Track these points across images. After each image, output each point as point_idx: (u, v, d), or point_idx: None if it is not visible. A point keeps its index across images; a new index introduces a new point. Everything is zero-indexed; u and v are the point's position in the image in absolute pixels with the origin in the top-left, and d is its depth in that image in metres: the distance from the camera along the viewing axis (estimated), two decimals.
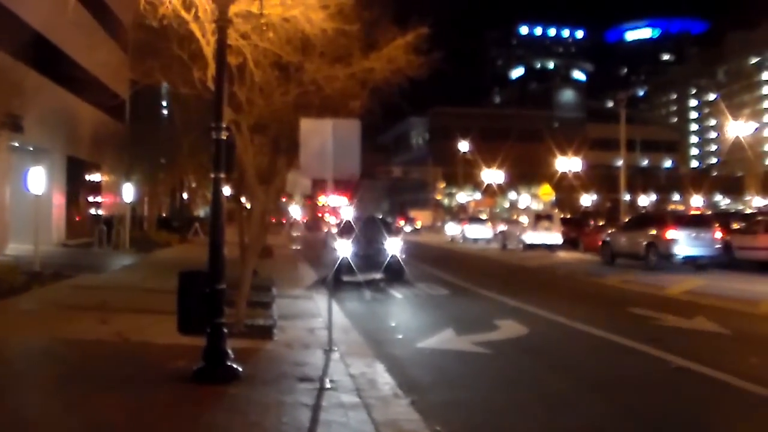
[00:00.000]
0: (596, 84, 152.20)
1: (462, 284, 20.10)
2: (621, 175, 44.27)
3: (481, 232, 49.68)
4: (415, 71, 11.34)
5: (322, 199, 63.06)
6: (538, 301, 15.79)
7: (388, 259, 19.96)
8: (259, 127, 11.27)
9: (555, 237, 36.11)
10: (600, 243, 28.70)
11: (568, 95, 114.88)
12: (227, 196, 20.40)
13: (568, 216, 46.55)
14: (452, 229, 55.21)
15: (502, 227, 42.15)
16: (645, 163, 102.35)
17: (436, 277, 22.34)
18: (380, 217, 29.82)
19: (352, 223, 22.38)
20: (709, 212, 33.42)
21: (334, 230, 22.14)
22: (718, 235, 24.90)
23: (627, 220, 30.62)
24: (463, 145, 75.62)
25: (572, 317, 13.23)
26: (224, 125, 7.50)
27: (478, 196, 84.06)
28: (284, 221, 71.35)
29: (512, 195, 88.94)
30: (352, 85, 11.20)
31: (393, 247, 20.29)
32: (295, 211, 76.55)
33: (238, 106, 10.31)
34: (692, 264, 24.28)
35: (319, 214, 59.46)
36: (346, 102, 11.55)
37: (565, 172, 63.50)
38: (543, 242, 36.12)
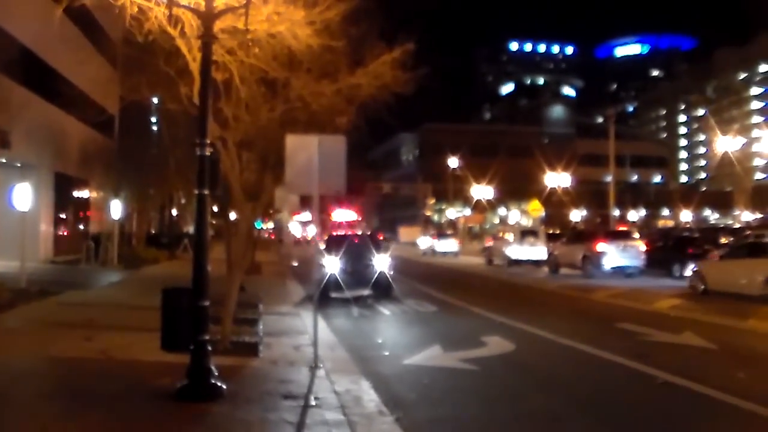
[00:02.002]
0: (586, 100, 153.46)
1: (450, 300, 20.09)
2: (610, 191, 44.44)
3: (448, 246, 52.79)
4: (402, 87, 11.39)
5: (337, 215, 63.41)
6: (524, 316, 15.80)
7: (376, 275, 19.92)
8: (246, 144, 11.27)
9: (540, 252, 36.61)
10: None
11: (557, 111, 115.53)
12: (215, 213, 20.46)
13: (557, 231, 46.53)
14: (424, 243, 57.81)
15: (488, 243, 42.97)
16: (634, 178, 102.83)
17: (424, 293, 22.30)
18: (369, 233, 29.78)
19: (340, 239, 22.36)
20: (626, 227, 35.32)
21: (322, 246, 22.09)
22: (643, 247, 28.34)
23: (566, 235, 33.21)
24: (453, 161, 75.76)
25: (559, 332, 13.24)
26: (209, 141, 7.50)
27: (467, 212, 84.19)
28: (280, 238, 71.32)
29: (502, 210, 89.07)
30: (338, 101, 11.24)
31: (381, 263, 20.27)
32: (295, 228, 76.63)
33: (225, 122, 10.32)
34: (621, 273, 27.58)
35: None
36: (332, 118, 11.59)
37: (555, 188, 63.69)
38: (528, 258, 36.80)
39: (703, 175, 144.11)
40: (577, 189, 76.29)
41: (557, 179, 63.12)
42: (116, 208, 28.59)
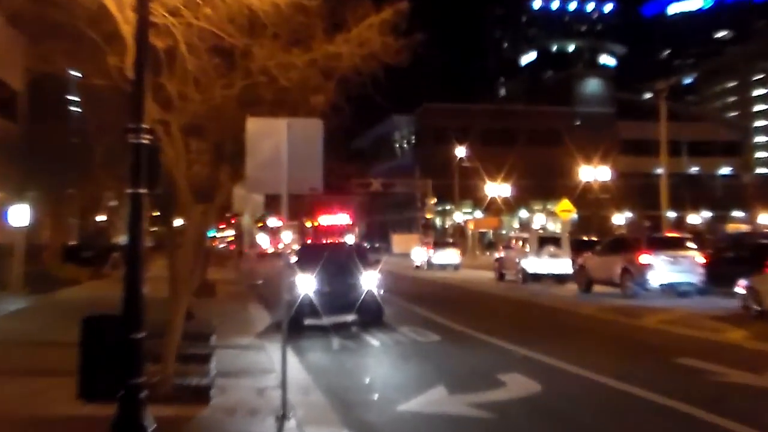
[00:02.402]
0: (630, 71, 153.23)
1: (456, 327, 20.15)
2: (662, 187, 44.55)
3: (447, 257, 54.35)
4: (394, 57, 11.43)
5: (325, 220, 63.89)
6: (552, 347, 15.83)
7: (362, 296, 19.97)
8: (195, 129, 11.27)
9: (564, 265, 37.40)
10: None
11: (593, 86, 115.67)
12: (155, 218, 20.38)
13: (593, 239, 46.51)
14: (418, 254, 58.36)
15: (499, 253, 44.08)
16: (695, 170, 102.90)
17: (423, 317, 22.35)
18: (353, 242, 29.84)
19: (316, 251, 22.38)
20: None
21: (293, 259, 22.10)
22: (700, 259, 28.49)
23: (602, 243, 33.52)
24: (460, 151, 75.94)
25: (598, 369, 13.28)
26: (147, 126, 7.49)
27: (478, 214, 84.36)
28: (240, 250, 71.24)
29: (522, 213, 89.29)
30: (313, 75, 11.27)
31: (368, 281, 20.30)
32: (262, 238, 76.76)
33: (168, 101, 10.31)
34: (672, 292, 27.92)
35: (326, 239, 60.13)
36: (305, 97, 11.61)
37: (590, 184, 63.88)
38: (548, 271, 37.71)
39: None
40: (619, 185, 76.57)
41: (593, 172, 63.31)
42: (20, 214, 28.06)
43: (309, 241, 39.52)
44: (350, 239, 58.64)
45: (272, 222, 69.85)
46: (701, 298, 27.35)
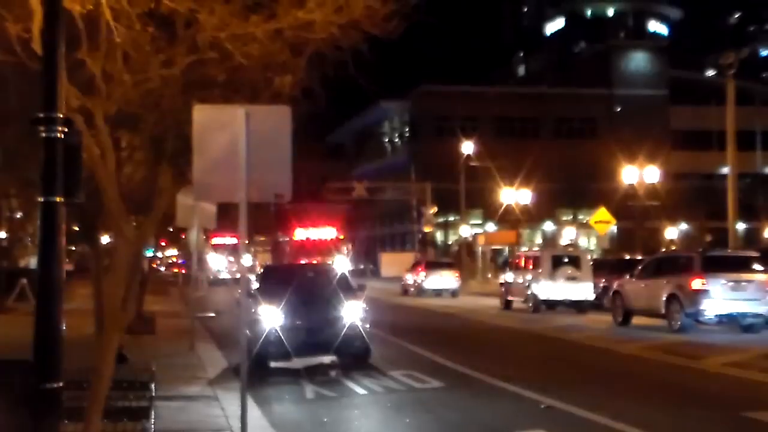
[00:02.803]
0: (687, 41, 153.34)
1: (460, 369, 20.25)
2: (729, 191, 44.53)
3: (441, 281, 55.94)
4: (382, 26, 11.45)
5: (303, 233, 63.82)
6: (583, 396, 15.91)
7: (342, 331, 19.97)
8: (127, 120, 11.29)
9: (584, 290, 38.76)
10: None
11: (639, 61, 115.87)
12: (76, 234, 20.33)
13: (638, 257, 46.54)
14: (407, 278, 60.11)
15: (505, 277, 45.10)
16: None
17: (419, 358, 22.47)
18: (329, 264, 29.92)
19: (284, 275, 22.39)
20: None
21: (254, 286, 22.10)
22: None
23: (644, 264, 34.01)
24: (467, 146, 76.00)
25: (649, 426, 13.32)
26: (62, 115, 7.49)
27: (491, 227, 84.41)
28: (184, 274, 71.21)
29: (548, 225, 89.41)
30: (278, 50, 11.28)
31: (351, 312, 20.32)
32: (215, 258, 76.67)
33: (90, 84, 10.31)
34: (734, 325, 28.45)
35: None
36: (269, 78, 11.64)
37: (634, 187, 63.95)
38: (565, 297, 39.20)
39: None
40: (672, 188, 76.63)
41: (638, 173, 63.37)
42: None
43: (274, 265, 39.21)
44: (340, 260, 58.19)
45: (231, 239, 69.80)
46: None
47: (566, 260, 40.15)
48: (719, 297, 27.89)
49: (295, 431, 13.30)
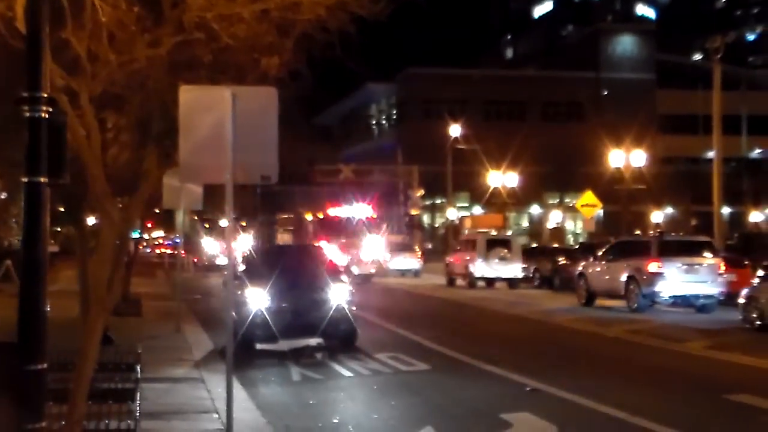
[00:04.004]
0: (674, 25, 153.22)
1: (444, 351, 20.43)
2: (715, 175, 44.57)
3: (407, 263, 59.97)
4: (369, 8, 11.40)
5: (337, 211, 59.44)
6: (569, 378, 16.03)
7: (329, 314, 19.99)
8: (113, 100, 11.22)
9: (514, 269, 46.16)
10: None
11: (626, 45, 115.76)
12: (61, 216, 20.26)
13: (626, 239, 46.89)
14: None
15: (450, 258, 52.28)
16: (758, 153, 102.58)
17: (403, 339, 22.66)
18: (316, 246, 29.91)
19: (270, 257, 22.35)
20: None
21: (241, 268, 22.07)
22: (720, 267, 30.72)
23: (605, 248, 36.17)
24: (455, 129, 75.90)
25: (632, 408, 13.37)
26: (47, 95, 7.43)
27: (478, 210, 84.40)
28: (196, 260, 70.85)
29: (534, 208, 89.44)
30: (265, 31, 11.23)
31: (338, 295, 20.32)
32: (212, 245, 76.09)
33: (75, 64, 10.25)
34: (686, 306, 30.87)
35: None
36: (255, 59, 11.59)
37: (621, 171, 63.93)
38: (498, 276, 46.59)
39: None
40: (658, 172, 76.57)
41: (625, 157, 63.34)
42: None
43: (260, 247, 38.45)
44: (374, 241, 57.00)
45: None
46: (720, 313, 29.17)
47: (499, 243, 47.18)
48: (674, 279, 30.11)
49: (281, 413, 13.27)
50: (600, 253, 34.92)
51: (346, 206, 57.03)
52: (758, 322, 24.09)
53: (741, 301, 25.52)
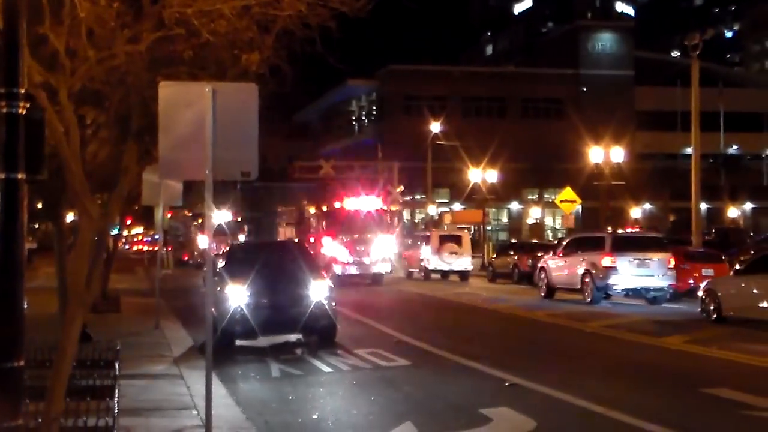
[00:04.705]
0: (653, 22, 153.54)
1: (423, 346, 20.45)
2: (693, 171, 44.67)
3: (458, 261, 58.78)
4: (350, 4, 11.40)
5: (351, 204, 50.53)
6: (547, 373, 16.10)
7: (309, 309, 19.97)
8: (92, 96, 11.18)
9: (464, 262, 49.31)
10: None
11: (604, 42, 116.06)
12: (38, 212, 20.17)
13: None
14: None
15: (406, 252, 55.04)
16: (734, 149, 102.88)
17: (383, 334, 22.71)
18: (296, 242, 29.88)
19: (250, 253, 22.31)
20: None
21: (220, 263, 22.04)
22: (671, 261, 32.40)
23: (564, 243, 38.38)
24: (435, 126, 75.87)
25: (612, 403, 13.41)
26: (24, 91, 7.39)
27: (457, 206, 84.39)
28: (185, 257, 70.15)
29: (514, 204, 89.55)
30: (245, 27, 11.21)
31: (317, 291, 20.30)
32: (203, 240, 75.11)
33: (54, 59, 10.21)
34: (638, 297, 32.70)
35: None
36: (235, 55, 11.56)
37: (600, 167, 64.02)
38: (450, 268, 49.35)
39: None
40: (637, 168, 76.76)
41: (604, 153, 63.43)
42: None
43: (238, 244, 37.02)
44: (385, 241, 48.01)
45: (221, 216, 62.75)
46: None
47: (451, 239, 50.01)
48: (626, 273, 31.82)
49: (260, 409, 13.25)
50: (559, 249, 37.01)
51: (353, 198, 50.07)
52: (715, 315, 25.37)
53: (700, 294, 26.87)
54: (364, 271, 45.68)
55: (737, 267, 27.13)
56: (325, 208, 49.88)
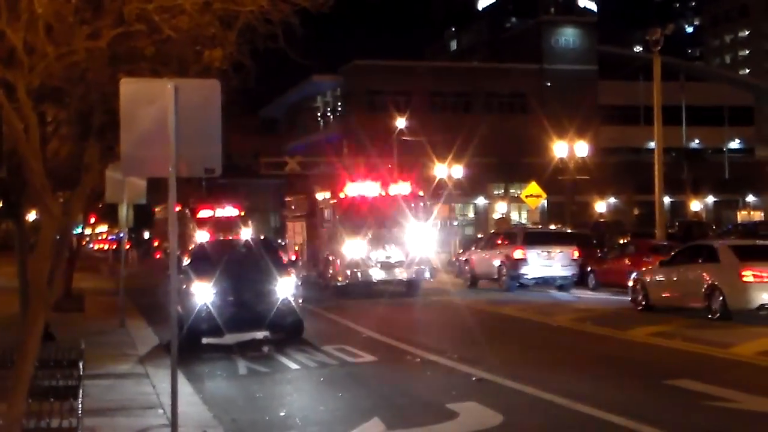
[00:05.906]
0: (615, 17, 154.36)
1: (388, 341, 20.57)
2: (656, 165, 44.87)
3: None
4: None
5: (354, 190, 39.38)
6: (512, 367, 16.20)
7: (276, 306, 19.91)
8: (52, 93, 11.06)
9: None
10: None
11: (568, 37, 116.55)
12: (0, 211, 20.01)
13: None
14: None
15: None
16: (696, 143, 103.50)
17: (347, 330, 22.93)
18: (263, 239, 29.76)
19: (216, 251, 22.22)
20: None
21: (186, 261, 21.92)
22: (575, 253, 36.32)
23: (483, 238, 42.51)
24: (400, 121, 75.92)
25: (576, 395, 13.46)
26: None
27: None
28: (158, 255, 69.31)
29: (480, 199, 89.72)
30: (207, 23, 11.12)
31: (284, 288, 20.25)
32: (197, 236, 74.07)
33: (10, 55, 10.08)
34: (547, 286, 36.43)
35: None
36: (198, 51, 11.48)
37: (565, 162, 64.23)
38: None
39: None
40: (601, 163, 77.07)
41: (568, 148, 63.63)
42: None
43: (207, 241, 33.84)
44: (418, 232, 37.09)
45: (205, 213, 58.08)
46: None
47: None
48: (535, 264, 35.80)
49: (227, 407, 13.19)
50: (482, 243, 42.05)
51: (372, 183, 40.37)
52: (643, 303, 27.11)
53: (630, 284, 28.49)
54: (393, 276, 35.49)
55: (663, 259, 28.27)
56: (343, 195, 38.75)
